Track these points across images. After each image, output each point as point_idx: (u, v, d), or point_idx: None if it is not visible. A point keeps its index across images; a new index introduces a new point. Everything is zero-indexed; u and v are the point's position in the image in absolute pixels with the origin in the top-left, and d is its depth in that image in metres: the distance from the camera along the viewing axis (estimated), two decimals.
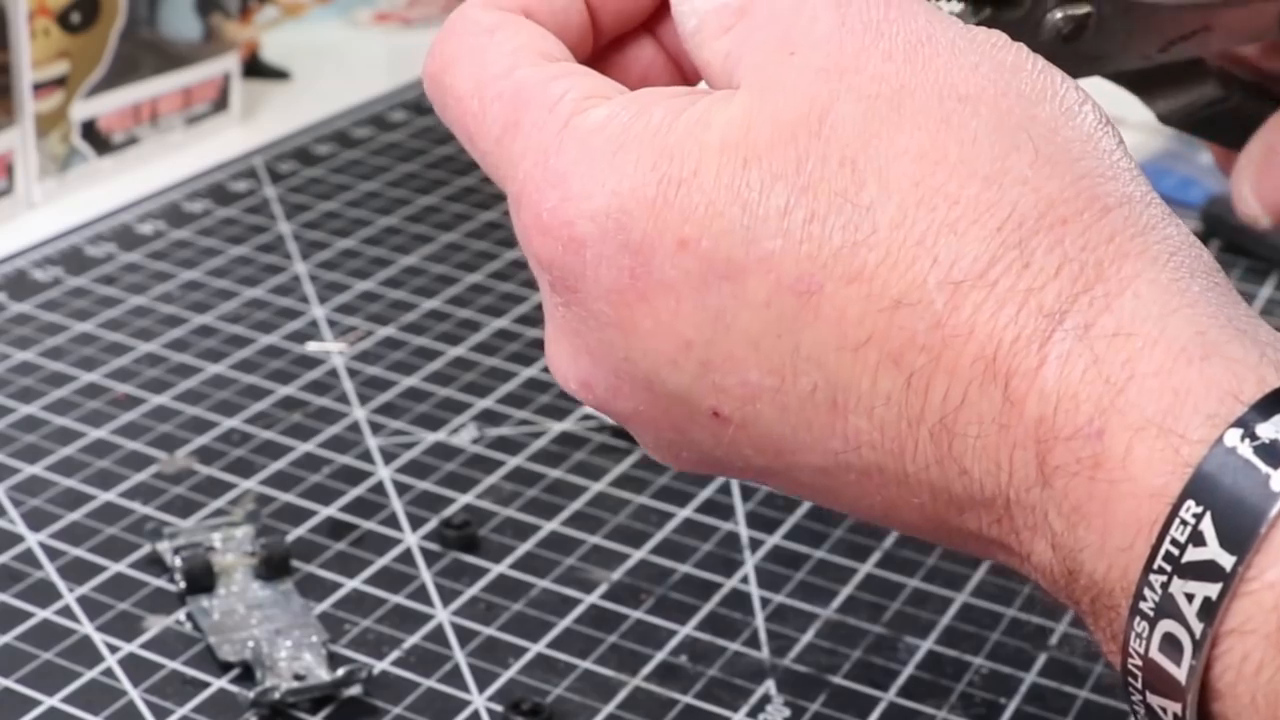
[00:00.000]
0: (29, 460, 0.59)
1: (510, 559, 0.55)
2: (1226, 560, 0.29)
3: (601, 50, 0.41)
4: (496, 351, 0.67)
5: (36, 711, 0.47)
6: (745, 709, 0.49)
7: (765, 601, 0.53)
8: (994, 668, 0.50)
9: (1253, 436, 0.30)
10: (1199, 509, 0.30)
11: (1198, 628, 0.30)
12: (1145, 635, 0.31)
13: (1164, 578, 0.30)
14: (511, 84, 0.37)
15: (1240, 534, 0.29)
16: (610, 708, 0.49)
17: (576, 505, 0.58)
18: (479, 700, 0.49)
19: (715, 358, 0.35)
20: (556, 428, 0.62)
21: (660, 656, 0.51)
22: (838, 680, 0.50)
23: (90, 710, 0.47)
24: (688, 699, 0.49)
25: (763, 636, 0.52)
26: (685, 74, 0.41)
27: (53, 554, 0.54)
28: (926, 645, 0.51)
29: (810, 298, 0.33)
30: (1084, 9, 0.42)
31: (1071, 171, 0.34)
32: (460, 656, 0.50)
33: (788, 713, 0.49)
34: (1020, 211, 0.33)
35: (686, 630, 0.52)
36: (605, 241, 0.35)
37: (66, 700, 0.48)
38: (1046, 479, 0.32)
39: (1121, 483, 0.31)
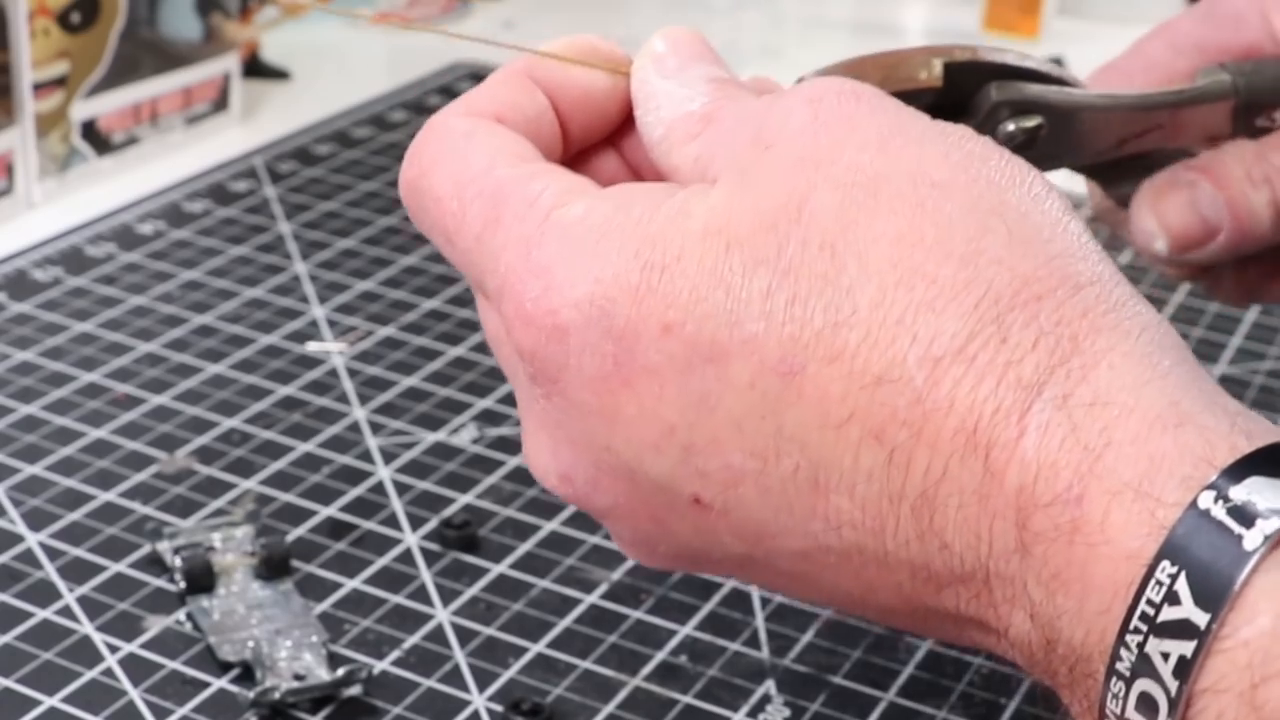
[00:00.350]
0: (29, 460, 0.59)
1: (510, 559, 0.55)
2: (1201, 618, 0.30)
3: (568, 164, 0.41)
4: None
5: (36, 711, 0.47)
6: (745, 709, 0.49)
7: (765, 601, 0.53)
8: (994, 668, 0.50)
9: (1225, 499, 0.31)
10: (1174, 569, 0.31)
11: (1173, 686, 0.30)
12: (1121, 696, 0.32)
13: (1140, 637, 0.31)
14: (491, 181, 0.38)
15: (1214, 592, 0.30)
16: (610, 708, 0.49)
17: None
18: (479, 700, 0.49)
19: (698, 441, 0.35)
20: None
21: (660, 656, 0.51)
22: (838, 680, 0.50)
23: (90, 710, 0.47)
24: (688, 699, 0.49)
25: (763, 636, 0.52)
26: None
27: (53, 554, 0.54)
28: (926, 645, 0.51)
29: (793, 378, 0.34)
30: (1034, 120, 0.43)
31: (1044, 251, 0.35)
32: (460, 656, 0.50)
33: (788, 713, 0.49)
34: (996, 289, 0.34)
35: (686, 630, 0.52)
36: (589, 329, 0.36)
37: (66, 700, 0.48)
38: (1026, 547, 0.33)
39: (1099, 545, 0.32)
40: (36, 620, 0.51)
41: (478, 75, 0.96)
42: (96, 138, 0.81)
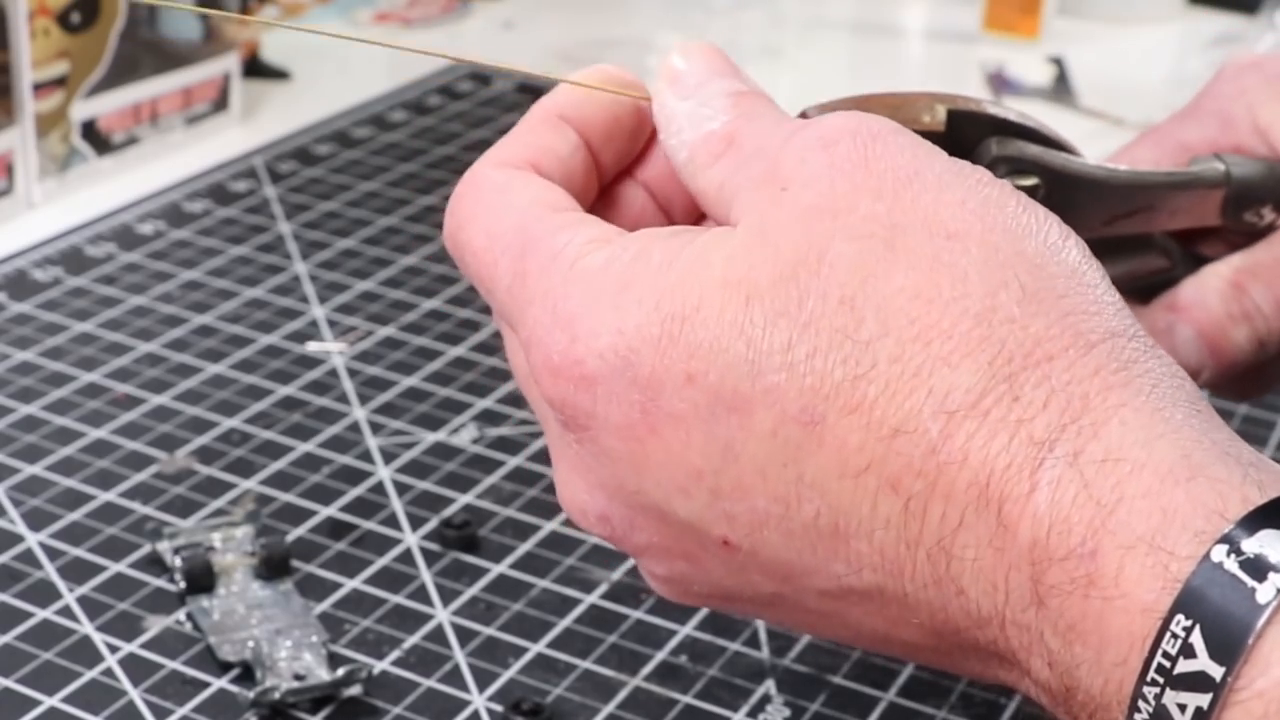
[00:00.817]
0: (29, 460, 0.59)
1: (510, 559, 0.55)
2: (1216, 671, 0.31)
3: (597, 200, 0.43)
4: (496, 351, 0.67)
5: (36, 711, 0.47)
6: (745, 709, 0.49)
7: None
8: None
9: (1238, 552, 0.31)
10: (1189, 622, 0.31)
11: None
12: None
13: (1157, 689, 0.31)
14: (520, 236, 0.39)
15: (1229, 645, 0.31)
16: (610, 708, 0.49)
17: None
18: (479, 700, 0.49)
19: (725, 486, 0.36)
20: None
21: (660, 656, 0.51)
22: (838, 680, 0.50)
23: (90, 710, 0.47)
24: (688, 699, 0.49)
25: (763, 636, 0.52)
26: (673, 219, 0.43)
27: (53, 554, 0.54)
28: None
29: (814, 428, 0.35)
30: (1031, 180, 0.44)
31: (1057, 309, 0.35)
32: (460, 656, 0.50)
33: (788, 713, 0.49)
34: (1009, 349, 0.34)
35: (686, 630, 0.52)
36: (614, 379, 0.36)
37: (66, 700, 0.48)
38: (1041, 599, 0.33)
39: (1115, 599, 0.32)
40: (36, 620, 0.51)
41: (478, 75, 0.96)
42: (96, 138, 0.81)
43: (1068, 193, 0.44)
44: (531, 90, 0.93)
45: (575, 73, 0.42)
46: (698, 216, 0.43)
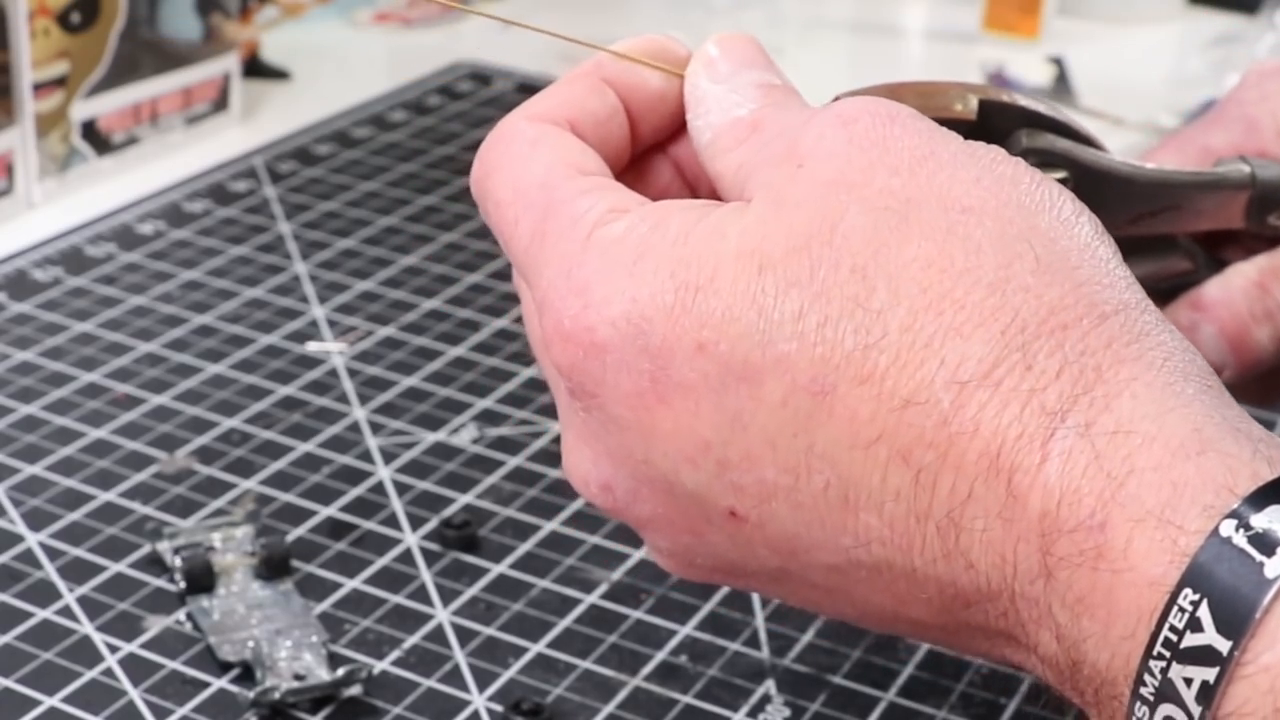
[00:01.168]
0: (29, 460, 0.59)
1: (510, 559, 0.55)
2: (1223, 645, 0.31)
3: (626, 170, 0.42)
4: (496, 351, 0.67)
5: (36, 711, 0.47)
6: (745, 709, 0.49)
7: (765, 601, 0.53)
8: (994, 668, 0.50)
9: (1246, 527, 0.31)
10: (1196, 596, 0.31)
11: (1196, 711, 0.31)
12: (1146, 719, 0.32)
13: (1163, 663, 0.31)
14: (544, 196, 0.39)
15: (1236, 620, 0.31)
16: (610, 708, 0.49)
17: (576, 505, 0.58)
18: (479, 700, 0.49)
19: (733, 457, 0.36)
20: (556, 428, 0.62)
21: (660, 656, 0.51)
22: (838, 680, 0.50)
23: (90, 710, 0.47)
24: (688, 699, 0.49)
25: (763, 636, 0.52)
26: (698, 194, 0.43)
27: (53, 554, 0.54)
28: (926, 645, 0.51)
29: (824, 398, 0.35)
30: (1061, 174, 0.44)
31: (1071, 279, 0.35)
32: (460, 656, 0.50)
33: (788, 713, 0.49)
34: (1023, 317, 0.34)
35: (686, 630, 0.52)
36: (625, 346, 0.36)
37: (66, 700, 0.48)
38: (1050, 571, 0.33)
39: (1123, 572, 0.32)
40: (36, 620, 0.51)
41: (478, 75, 0.96)
42: (96, 138, 0.81)
43: (1095, 188, 0.44)
44: (530, 90, 0.93)
45: (624, 41, 0.43)
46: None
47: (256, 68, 0.94)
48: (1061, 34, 1.06)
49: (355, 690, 0.48)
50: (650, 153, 0.43)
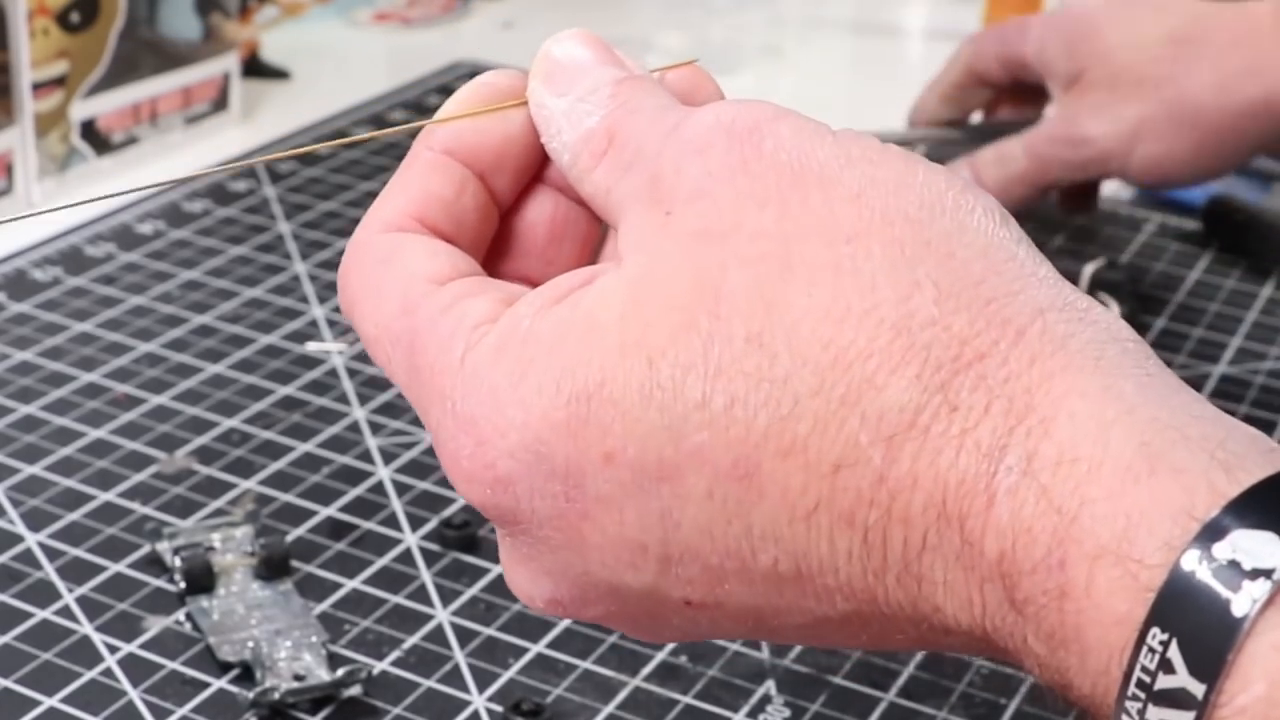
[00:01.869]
0: (29, 460, 0.59)
1: None
2: (1197, 689, 0.30)
3: (508, 217, 0.40)
4: None
5: (36, 711, 0.47)
6: (745, 709, 0.49)
7: None
8: (994, 668, 0.50)
9: (1210, 558, 0.30)
10: (1165, 636, 0.30)
11: None
12: None
13: (1139, 704, 0.30)
14: (406, 325, 0.37)
15: (1207, 661, 0.30)
16: (610, 708, 0.49)
17: None
18: (479, 700, 0.49)
19: (673, 553, 0.34)
20: None
21: (660, 656, 0.51)
22: (838, 680, 0.50)
23: (90, 710, 0.47)
24: (688, 699, 0.49)
25: None
26: (593, 213, 0.40)
27: (53, 554, 0.54)
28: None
29: (750, 480, 0.33)
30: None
31: (977, 299, 0.33)
32: (460, 656, 0.50)
33: (788, 713, 0.48)
34: (935, 356, 0.32)
35: None
36: (531, 474, 0.35)
37: (66, 700, 0.48)
38: (1019, 609, 0.32)
39: (1087, 610, 0.31)
40: (36, 620, 0.51)
41: (477, 74, 0.96)
42: (96, 137, 0.81)
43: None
44: None
45: (457, 93, 0.40)
46: None
47: (256, 67, 0.94)
48: None
49: (355, 690, 0.48)
50: (532, 189, 0.40)
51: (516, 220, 0.40)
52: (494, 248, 0.39)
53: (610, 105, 0.37)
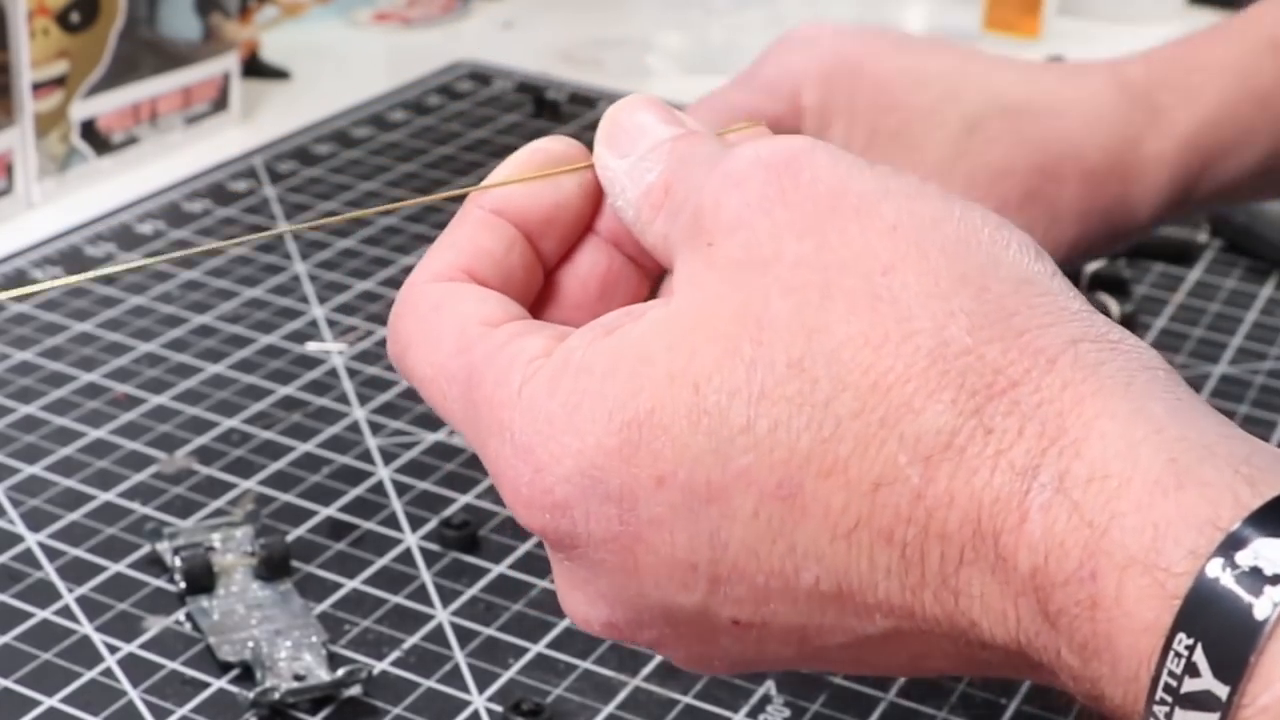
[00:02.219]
0: (29, 460, 0.59)
1: (510, 559, 0.55)
2: (1221, 690, 0.31)
3: (556, 271, 0.42)
4: None
5: (36, 711, 0.47)
6: (745, 709, 0.49)
7: None
8: None
9: (1233, 565, 0.31)
10: (1190, 641, 0.31)
11: None
12: None
13: (1166, 708, 0.31)
14: (463, 363, 0.38)
15: (1231, 663, 0.30)
16: (610, 708, 0.49)
17: None
18: (479, 700, 0.49)
19: (721, 573, 0.36)
20: None
21: (660, 656, 0.51)
22: (838, 680, 0.50)
23: (90, 710, 0.47)
24: (688, 699, 0.49)
25: None
26: (642, 265, 0.42)
27: (52, 554, 0.54)
28: None
29: (794, 499, 0.35)
30: None
31: (1010, 330, 0.34)
32: (460, 656, 0.50)
33: (788, 713, 0.48)
34: (970, 384, 0.34)
35: None
36: (587, 499, 0.36)
37: (66, 700, 0.48)
38: (1052, 622, 0.33)
39: (1118, 619, 0.32)
40: (36, 620, 0.51)
41: (478, 74, 0.96)
42: (96, 137, 0.81)
43: None
44: (530, 89, 0.93)
45: (511, 158, 0.41)
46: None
47: (256, 67, 0.94)
48: (1062, 33, 1.06)
49: (355, 690, 0.48)
50: (586, 241, 0.42)
51: (569, 273, 0.42)
52: (545, 298, 0.41)
53: (668, 160, 0.39)
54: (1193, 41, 0.59)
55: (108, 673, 0.49)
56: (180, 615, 0.51)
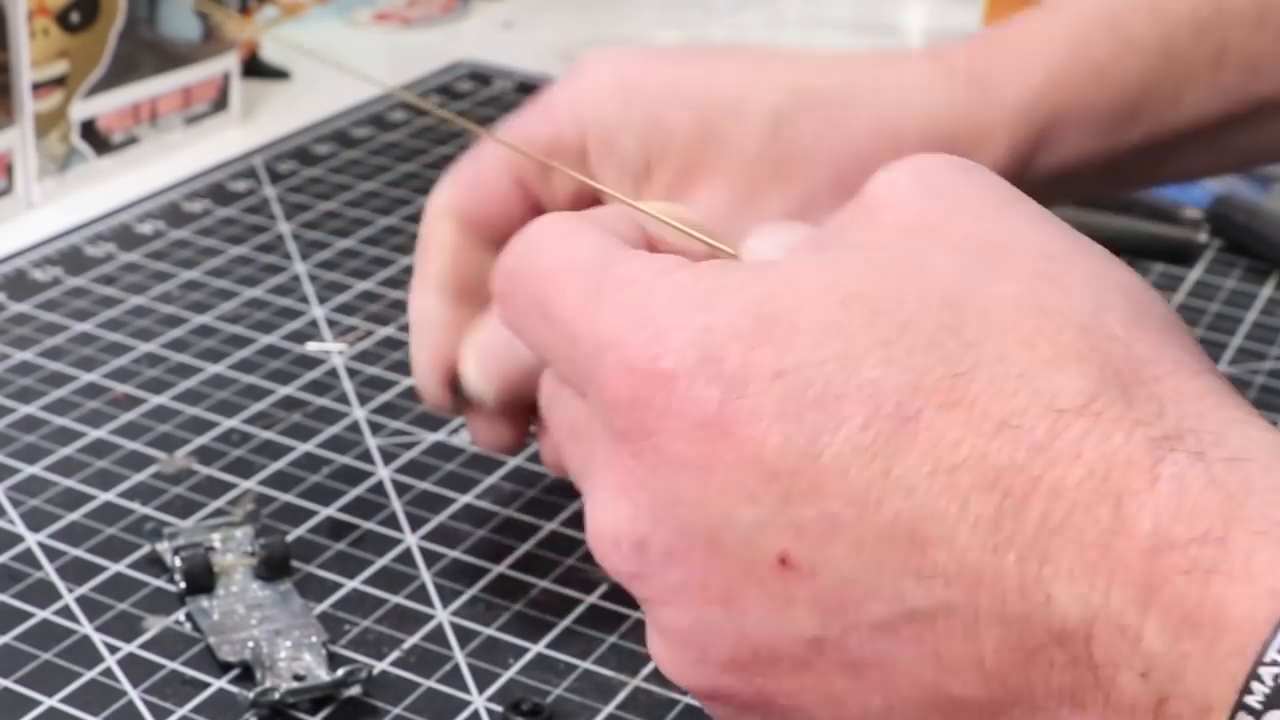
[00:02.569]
0: (29, 460, 0.59)
1: (510, 559, 0.55)
2: None
3: None
4: None
5: (36, 712, 0.47)
6: None
7: None
8: None
9: None
10: None
11: None
12: None
13: (1276, 669, 0.30)
14: (598, 258, 0.38)
15: None
16: (610, 708, 0.48)
17: (576, 505, 0.58)
18: (479, 700, 0.49)
19: (798, 489, 0.34)
20: None
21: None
22: None
23: (90, 711, 0.47)
24: (688, 699, 0.49)
25: None
26: None
27: (52, 554, 0.54)
28: None
29: (910, 423, 0.33)
30: None
31: (1159, 338, 0.35)
32: (460, 656, 0.50)
33: None
34: (1116, 364, 0.34)
35: None
36: (694, 376, 0.35)
37: (66, 700, 0.48)
38: (1153, 590, 0.32)
39: (1240, 583, 0.31)
40: (36, 620, 0.51)
41: (478, 74, 0.96)
42: (96, 137, 0.81)
43: None
44: (530, 89, 0.93)
45: (666, 206, 0.42)
46: None
47: (256, 67, 0.94)
48: None
49: (355, 690, 0.48)
50: None
51: None
52: None
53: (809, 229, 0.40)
54: (1023, 20, 0.57)
55: (108, 673, 0.49)
56: (180, 615, 0.51)
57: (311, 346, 0.67)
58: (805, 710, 0.36)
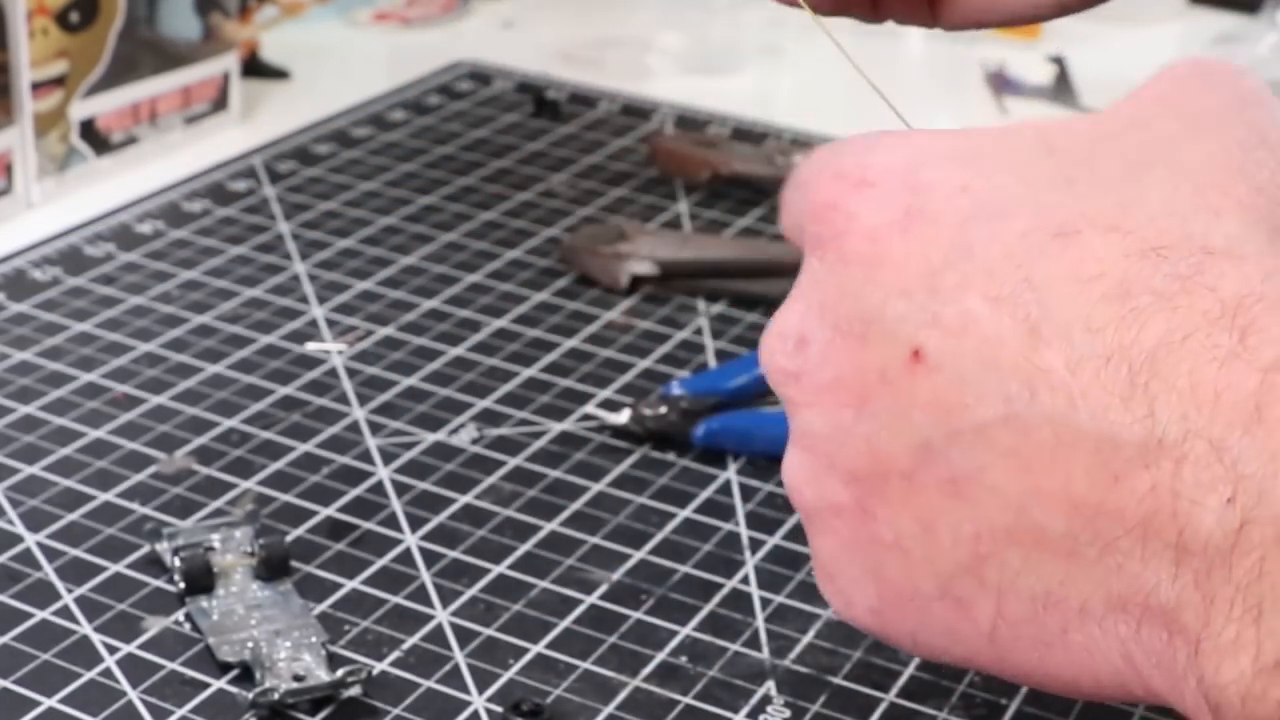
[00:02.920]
0: (28, 460, 0.59)
1: (510, 559, 0.55)
2: None
3: None
4: (496, 351, 0.67)
5: (35, 712, 0.47)
6: (745, 710, 0.48)
7: (765, 602, 0.53)
8: None
9: None
10: None
11: None
12: None
13: None
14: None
15: None
16: (610, 708, 0.48)
17: (576, 505, 0.58)
18: (479, 700, 0.49)
19: (947, 283, 0.37)
20: (556, 428, 0.62)
21: (660, 657, 0.51)
22: (838, 681, 0.50)
23: (89, 711, 0.47)
24: (688, 699, 0.49)
25: (763, 637, 0.51)
26: None
27: (52, 554, 0.54)
28: None
29: (1065, 238, 0.36)
30: None
31: None
32: (460, 657, 0.50)
33: (788, 713, 0.48)
34: (1274, 221, 0.36)
35: (686, 630, 0.52)
36: (892, 183, 0.38)
37: (65, 701, 0.48)
38: (1259, 412, 0.32)
39: None
40: (35, 620, 0.51)
41: (478, 74, 0.96)
42: (95, 137, 0.81)
43: None
44: (529, 89, 0.93)
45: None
46: None
47: (256, 67, 0.94)
48: (1062, 33, 1.05)
49: (355, 691, 0.48)
50: None
51: None
52: None
53: None
54: None
55: (107, 673, 0.49)
56: (180, 615, 0.51)
57: (311, 346, 0.67)
58: (900, 543, 0.38)
